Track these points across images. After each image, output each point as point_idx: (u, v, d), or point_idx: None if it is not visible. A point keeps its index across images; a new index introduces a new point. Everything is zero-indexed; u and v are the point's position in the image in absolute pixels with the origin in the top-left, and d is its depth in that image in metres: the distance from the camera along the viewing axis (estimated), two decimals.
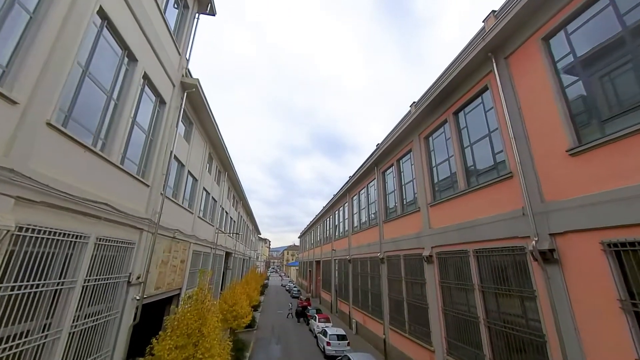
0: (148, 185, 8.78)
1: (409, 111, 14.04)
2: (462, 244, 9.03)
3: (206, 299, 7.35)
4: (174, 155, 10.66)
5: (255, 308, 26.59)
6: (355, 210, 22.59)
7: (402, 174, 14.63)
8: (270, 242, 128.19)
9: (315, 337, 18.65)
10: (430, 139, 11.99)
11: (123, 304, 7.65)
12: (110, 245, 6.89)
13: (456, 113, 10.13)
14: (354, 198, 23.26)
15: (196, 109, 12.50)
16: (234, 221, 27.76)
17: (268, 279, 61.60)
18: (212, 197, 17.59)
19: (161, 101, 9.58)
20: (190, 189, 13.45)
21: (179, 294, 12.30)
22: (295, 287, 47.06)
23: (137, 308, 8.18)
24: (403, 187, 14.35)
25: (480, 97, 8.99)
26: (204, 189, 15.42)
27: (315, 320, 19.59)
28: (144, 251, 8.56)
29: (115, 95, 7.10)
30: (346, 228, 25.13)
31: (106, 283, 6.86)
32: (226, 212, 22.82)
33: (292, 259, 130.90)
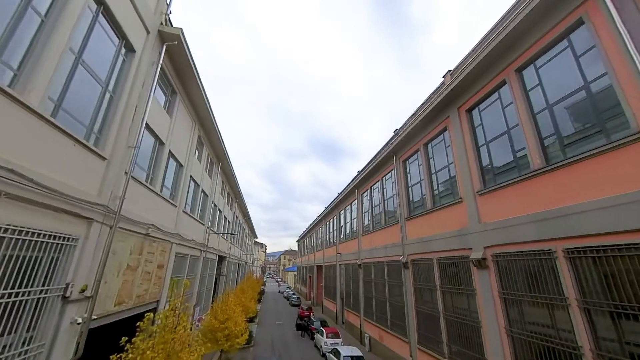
0: (104, 158, 6.23)
1: (441, 83, 11.71)
2: (542, 241, 6.59)
3: (180, 325, 4.75)
4: (147, 124, 8.13)
5: (251, 319, 23.82)
6: (367, 208, 20.10)
7: (431, 160, 12.22)
8: (266, 246, 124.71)
9: (323, 355, 15.97)
10: (476, 111, 9.60)
11: (54, 331, 5.05)
12: (26, 239, 4.32)
13: (520, 70, 7.77)
14: (364, 195, 20.79)
15: (180, 73, 10.00)
16: (229, 221, 25.09)
17: (264, 285, 58.51)
18: (203, 190, 14.99)
19: (128, 47, 7.09)
20: (173, 176, 10.88)
21: (155, 309, 9.64)
22: (294, 294, 44.16)
23: (80, 335, 5.56)
24: (434, 175, 11.92)
25: (565, 40, 6.62)
26: (192, 178, 12.84)
27: (322, 335, 16.91)
28: (96, 251, 5.97)
29: (41, 8, 4.60)
30: (354, 229, 22.60)
31: (17, 301, 4.27)
32: (219, 210, 20.19)
33: (289, 264, 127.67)
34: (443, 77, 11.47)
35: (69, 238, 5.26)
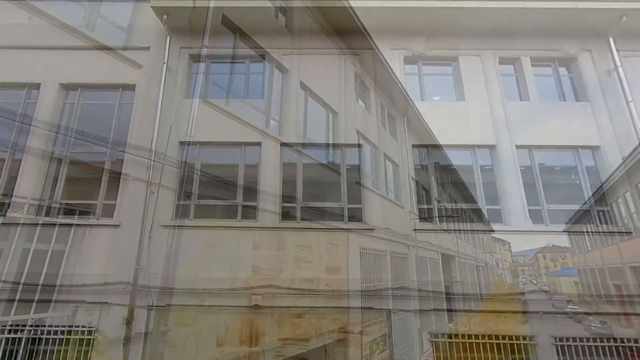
0: None
1: None
2: None
3: None
4: None
5: None
6: None
7: None
8: (509, 243, 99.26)
9: None
10: None
11: None
12: None
13: None
14: None
15: None
16: None
17: None
18: (385, 154, 10.72)
19: None
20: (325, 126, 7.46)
21: None
22: None
23: None
24: None
25: None
26: (359, 132, 8.88)
27: None
28: None
29: None
30: None
31: None
32: None
33: (556, 266, 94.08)
34: None
35: None
